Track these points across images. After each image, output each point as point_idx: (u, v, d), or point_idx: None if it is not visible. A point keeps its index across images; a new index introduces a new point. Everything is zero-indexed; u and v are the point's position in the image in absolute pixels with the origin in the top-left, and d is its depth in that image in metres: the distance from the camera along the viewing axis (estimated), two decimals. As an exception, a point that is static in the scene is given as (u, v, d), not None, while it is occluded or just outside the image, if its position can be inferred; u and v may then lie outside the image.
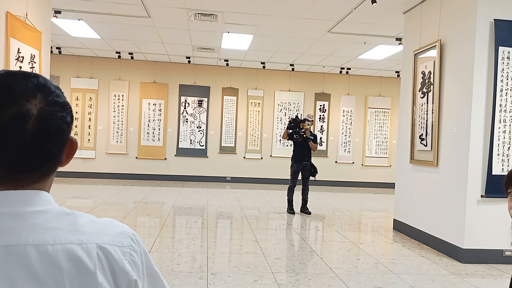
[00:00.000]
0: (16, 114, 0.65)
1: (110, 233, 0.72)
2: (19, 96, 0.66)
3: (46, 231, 0.66)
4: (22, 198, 0.68)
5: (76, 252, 0.66)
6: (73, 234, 0.68)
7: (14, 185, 0.68)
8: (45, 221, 0.67)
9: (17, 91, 0.66)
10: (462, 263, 4.41)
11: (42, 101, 0.68)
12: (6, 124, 0.65)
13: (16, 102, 0.66)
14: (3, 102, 0.65)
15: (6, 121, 0.65)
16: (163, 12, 6.37)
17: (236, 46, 8.38)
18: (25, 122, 0.66)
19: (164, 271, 3.74)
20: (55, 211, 0.69)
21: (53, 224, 0.67)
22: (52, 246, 0.65)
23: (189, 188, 9.40)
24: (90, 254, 0.67)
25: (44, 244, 0.65)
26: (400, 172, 5.91)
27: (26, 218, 0.66)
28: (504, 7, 4.41)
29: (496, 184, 4.35)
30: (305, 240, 5.25)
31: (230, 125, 10.78)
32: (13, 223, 0.65)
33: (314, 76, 11.00)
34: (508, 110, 4.38)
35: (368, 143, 11.17)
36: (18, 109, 0.65)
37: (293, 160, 6.92)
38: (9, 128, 0.65)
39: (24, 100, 0.66)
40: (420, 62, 5.37)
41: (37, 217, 0.67)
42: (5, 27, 4.01)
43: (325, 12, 6.04)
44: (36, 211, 0.67)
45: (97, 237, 0.69)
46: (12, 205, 0.66)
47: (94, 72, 10.37)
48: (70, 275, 0.65)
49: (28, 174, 0.69)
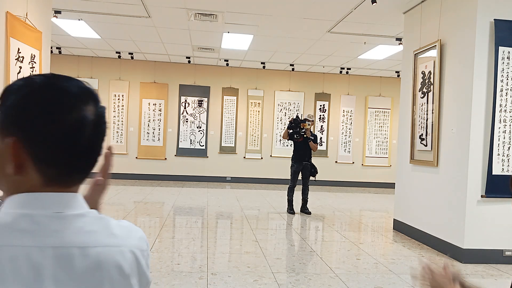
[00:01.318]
0: (78, 119, 0.67)
1: (135, 237, 0.75)
2: (78, 101, 0.68)
3: (87, 234, 0.68)
4: (63, 200, 0.69)
5: (114, 255, 0.69)
6: (110, 238, 0.70)
7: (59, 187, 0.69)
8: (85, 224, 0.69)
9: (76, 96, 0.68)
10: (462, 263, 4.40)
11: (94, 107, 0.70)
12: (70, 128, 0.67)
13: (76, 107, 0.68)
14: (66, 107, 0.67)
15: (70, 125, 0.66)
16: (163, 12, 6.37)
17: (236, 46, 8.38)
18: (85, 126, 0.68)
19: (164, 271, 3.74)
20: (91, 215, 0.71)
21: (92, 228, 0.69)
22: (93, 248, 0.67)
23: (189, 188, 9.40)
24: (125, 257, 0.71)
25: (87, 247, 0.67)
26: (400, 172, 5.91)
27: (70, 221, 0.68)
28: (504, 7, 4.41)
29: (496, 184, 4.34)
30: (305, 240, 5.25)
31: (230, 125, 10.78)
32: (58, 226, 0.66)
33: (314, 76, 11.00)
34: (508, 110, 4.38)
35: (368, 143, 11.17)
36: (78, 114, 0.67)
37: (293, 160, 6.92)
38: (71, 132, 0.67)
39: (82, 105, 0.68)
40: (420, 62, 5.37)
41: (78, 220, 0.68)
42: (5, 27, 4.01)
43: (325, 12, 6.04)
44: (77, 215, 0.69)
45: (128, 241, 0.72)
46: (57, 207, 0.68)
47: (94, 72, 10.37)
48: (109, 277, 0.68)
49: (76, 176, 0.71)
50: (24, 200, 0.67)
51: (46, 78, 0.70)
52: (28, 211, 0.66)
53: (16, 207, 0.66)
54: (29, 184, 0.67)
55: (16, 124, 0.66)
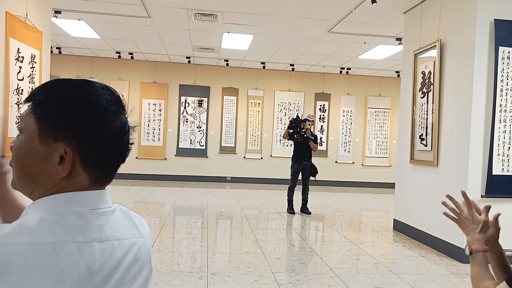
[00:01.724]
0: (122, 122, 0.75)
1: (146, 227, 0.83)
2: (118, 108, 0.75)
3: (120, 228, 0.75)
4: (101, 197, 0.75)
5: (140, 245, 0.77)
6: (135, 230, 0.78)
7: (100, 186, 0.76)
8: (117, 219, 0.76)
9: (116, 104, 0.75)
10: (462, 263, 4.40)
11: (125, 114, 0.77)
12: (116, 133, 0.74)
13: (119, 112, 0.75)
14: (113, 114, 0.73)
15: (116, 130, 0.74)
16: (163, 12, 6.37)
17: (236, 46, 8.38)
18: (128, 129, 0.77)
19: (164, 271, 3.74)
20: (119, 210, 0.79)
21: (122, 222, 0.76)
22: (127, 240, 0.75)
23: (189, 188, 9.40)
24: (147, 246, 0.80)
25: (123, 239, 0.74)
26: (400, 172, 5.91)
27: (108, 216, 0.74)
28: (504, 7, 4.40)
29: (496, 184, 4.34)
30: (305, 240, 5.25)
31: (230, 125, 10.78)
32: (101, 221, 0.72)
33: (314, 76, 11.00)
34: (508, 110, 4.38)
35: (368, 143, 11.17)
36: (121, 119, 0.75)
37: (293, 160, 6.92)
38: (117, 136, 0.74)
39: (122, 109, 0.76)
40: (420, 62, 5.37)
41: (113, 216, 0.75)
42: (5, 27, 4.01)
43: (325, 12, 6.04)
44: (112, 210, 0.76)
45: (144, 231, 0.81)
46: (94, 204, 0.73)
47: (94, 72, 10.37)
48: (141, 263, 0.76)
49: (111, 176, 0.78)
50: (70, 198, 0.71)
51: (85, 85, 0.74)
52: (76, 208, 0.71)
53: (62, 205, 0.70)
54: (78, 185, 0.73)
55: (67, 130, 0.70)
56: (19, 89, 4.29)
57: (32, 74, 4.58)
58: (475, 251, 1.18)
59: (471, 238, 1.21)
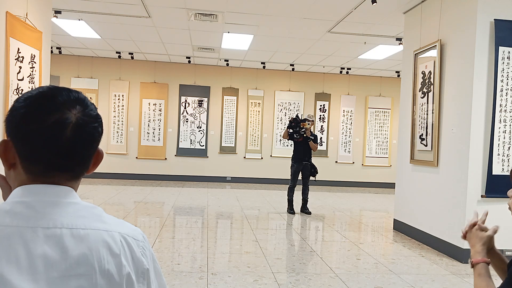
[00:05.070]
0: (58, 120, 0.75)
1: (128, 227, 0.82)
2: (61, 105, 0.76)
3: (77, 218, 0.76)
4: (59, 192, 0.77)
5: (103, 237, 0.76)
6: (100, 223, 0.77)
7: (49, 182, 0.77)
8: (76, 210, 0.77)
9: (60, 101, 0.76)
10: (462, 263, 4.40)
11: (80, 112, 0.77)
12: (49, 128, 0.74)
13: (59, 109, 0.75)
14: (48, 109, 0.75)
15: (49, 125, 0.74)
16: (163, 12, 6.37)
17: (236, 46, 8.38)
18: (65, 127, 0.75)
19: (164, 271, 3.74)
20: (84, 204, 0.79)
21: (83, 213, 0.77)
22: (83, 230, 0.74)
23: (189, 188, 9.40)
24: (115, 240, 0.77)
25: (76, 228, 0.74)
26: (400, 172, 5.91)
27: (61, 206, 0.76)
28: (504, 7, 4.40)
29: (496, 184, 4.34)
30: (305, 240, 5.25)
31: (230, 125, 10.78)
32: (50, 210, 0.74)
33: (314, 76, 11.00)
34: (508, 110, 4.38)
35: (368, 143, 11.17)
36: (60, 115, 0.75)
37: (293, 160, 6.91)
38: (51, 132, 0.74)
39: (66, 109, 0.76)
40: (420, 62, 5.37)
41: (69, 207, 0.77)
42: (5, 27, 4.01)
43: (325, 12, 6.04)
44: (69, 202, 0.77)
45: (119, 228, 0.79)
46: (50, 196, 0.76)
47: (94, 72, 10.37)
48: (98, 254, 0.74)
49: (61, 174, 0.78)
50: (22, 191, 0.76)
51: (42, 88, 0.79)
52: (24, 199, 0.75)
53: (14, 197, 0.76)
54: (23, 178, 0.77)
55: (7, 127, 0.77)
56: (19, 89, 4.29)
57: (32, 74, 4.57)
58: (475, 263, 1.27)
59: (473, 251, 1.31)
